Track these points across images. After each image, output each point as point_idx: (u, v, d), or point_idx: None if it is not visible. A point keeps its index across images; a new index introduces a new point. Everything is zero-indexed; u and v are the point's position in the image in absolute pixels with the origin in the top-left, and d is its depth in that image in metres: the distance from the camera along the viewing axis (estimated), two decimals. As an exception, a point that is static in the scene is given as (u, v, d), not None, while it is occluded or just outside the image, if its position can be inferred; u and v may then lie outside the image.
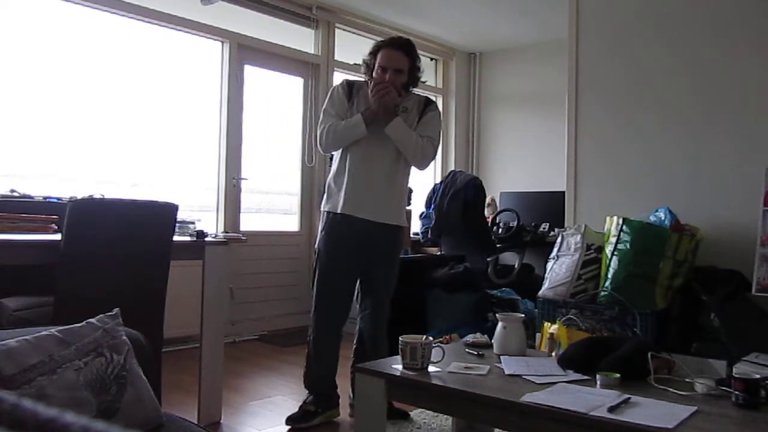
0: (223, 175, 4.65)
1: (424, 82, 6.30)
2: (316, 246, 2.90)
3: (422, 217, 4.97)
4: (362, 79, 2.89)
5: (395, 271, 2.92)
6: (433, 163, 6.34)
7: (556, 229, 4.83)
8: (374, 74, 2.76)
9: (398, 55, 2.75)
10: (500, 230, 5.24)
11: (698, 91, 2.96)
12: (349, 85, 2.85)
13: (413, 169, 2.91)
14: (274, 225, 5.19)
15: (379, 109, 2.70)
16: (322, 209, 2.89)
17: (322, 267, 2.83)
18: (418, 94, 2.97)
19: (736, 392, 1.62)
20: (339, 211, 2.77)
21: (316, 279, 2.85)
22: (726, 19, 2.90)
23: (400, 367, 1.92)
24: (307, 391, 2.87)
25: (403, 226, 2.93)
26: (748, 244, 2.58)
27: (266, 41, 4.89)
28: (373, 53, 2.80)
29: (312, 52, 5.22)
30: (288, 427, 2.74)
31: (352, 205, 2.75)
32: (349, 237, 2.77)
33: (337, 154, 2.88)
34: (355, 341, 2.94)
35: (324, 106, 2.86)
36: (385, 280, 2.88)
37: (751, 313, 2.48)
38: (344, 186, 2.78)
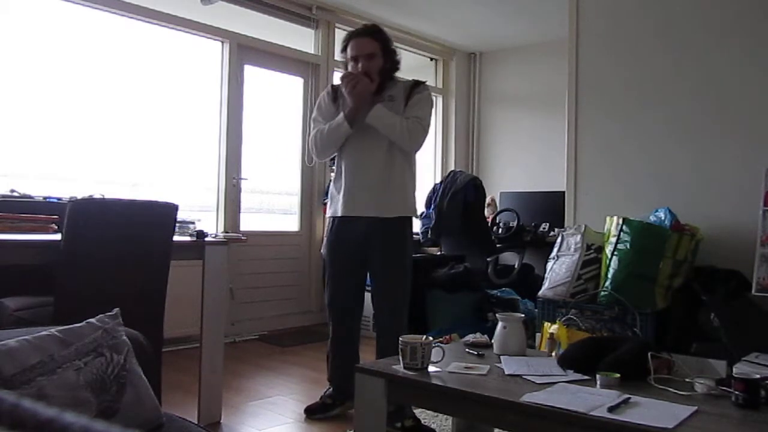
0: (223, 175, 4.65)
1: (423, 83, 6.31)
2: (322, 252, 2.95)
3: (422, 217, 4.97)
4: None
5: (406, 270, 2.80)
6: (433, 163, 6.43)
7: (556, 229, 4.83)
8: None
9: (365, 41, 2.69)
10: (500, 230, 5.24)
11: (698, 90, 2.96)
12: (334, 90, 2.82)
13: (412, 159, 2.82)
14: (274, 225, 5.19)
15: (356, 101, 2.63)
16: (326, 216, 2.92)
17: (329, 272, 2.86)
18: (405, 80, 2.83)
19: (736, 392, 1.62)
20: (339, 215, 2.77)
21: (326, 285, 2.89)
22: (726, 19, 2.90)
23: (400, 367, 1.92)
24: (328, 384, 2.93)
25: (409, 215, 2.82)
26: (748, 244, 2.57)
27: (266, 41, 4.89)
28: (343, 50, 2.74)
29: (312, 52, 5.22)
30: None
31: (351, 205, 2.74)
32: (350, 239, 2.77)
33: (335, 160, 2.87)
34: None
35: (313, 115, 2.85)
36: (394, 280, 2.78)
37: (751, 313, 2.48)
38: (342, 189, 2.77)
